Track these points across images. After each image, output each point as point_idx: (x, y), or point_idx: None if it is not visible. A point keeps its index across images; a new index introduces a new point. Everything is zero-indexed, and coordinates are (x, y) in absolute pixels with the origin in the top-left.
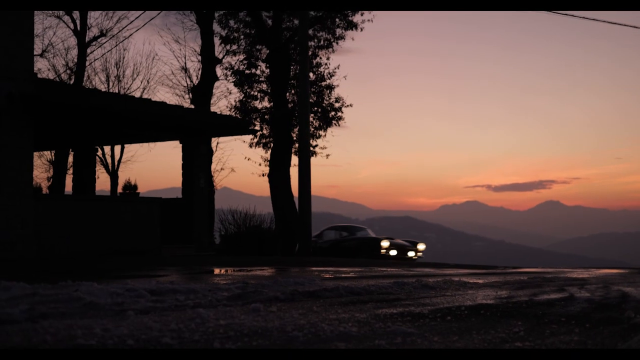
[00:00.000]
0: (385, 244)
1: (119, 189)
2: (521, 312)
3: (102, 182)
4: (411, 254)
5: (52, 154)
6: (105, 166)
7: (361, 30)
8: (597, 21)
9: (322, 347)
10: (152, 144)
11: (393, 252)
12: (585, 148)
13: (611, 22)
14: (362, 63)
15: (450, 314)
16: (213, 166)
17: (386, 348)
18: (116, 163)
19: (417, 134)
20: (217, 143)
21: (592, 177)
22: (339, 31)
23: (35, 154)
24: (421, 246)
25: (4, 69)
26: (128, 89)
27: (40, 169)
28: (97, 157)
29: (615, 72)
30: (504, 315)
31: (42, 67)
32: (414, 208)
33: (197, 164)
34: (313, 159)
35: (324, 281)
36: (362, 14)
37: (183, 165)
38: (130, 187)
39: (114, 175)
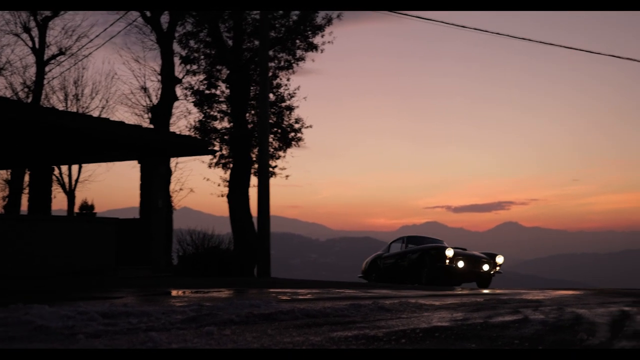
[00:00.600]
0: (449, 253)
1: (76, 209)
2: (476, 334)
3: (59, 201)
4: (486, 267)
5: (8, 173)
6: (62, 185)
7: (321, 51)
8: (554, 46)
9: None
10: (110, 164)
11: (461, 264)
12: (543, 170)
13: (568, 47)
14: (323, 84)
15: (405, 337)
16: (172, 186)
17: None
18: (73, 182)
19: (378, 154)
20: (177, 163)
21: (550, 199)
22: (299, 52)
23: None
24: (500, 259)
25: None
26: (87, 107)
27: None
28: (54, 177)
29: (571, 97)
30: (459, 338)
31: None
32: (374, 228)
33: (156, 184)
34: (273, 180)
35: (280, 303)
36: (322, 36)
37: (141, 185)
38: (87, 207)
39: (71, 194)
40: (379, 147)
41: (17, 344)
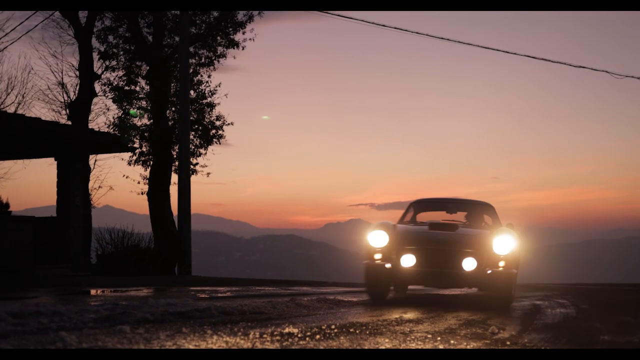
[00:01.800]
0: None
1: None
2: (390, 329)
3: None
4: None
5: None
6: None
7: (243, 48)
8: (472, 45)
9: None
10: (27, 161)
11: None
12: (464, 168)
13: (485, 47)
14: (245, 81)
15: (319, 333)
16: (91, 184)
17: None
18: None
19: (302, 151)
20: (95, 160)
21: (471, 196)
22: (220, 49)
23: None
24: None
25: None
26: (2, 103)
27: None
28: None
29: (490, 95)
30: (373, 333)
31: None
32: (299, 226)
33: (73, 182)
34: (196, 178)
35: (197, 301)
36: (243, 32)
37: (58, 183)
38: (2, 206)
39: None
40: (303, 144)
41: None
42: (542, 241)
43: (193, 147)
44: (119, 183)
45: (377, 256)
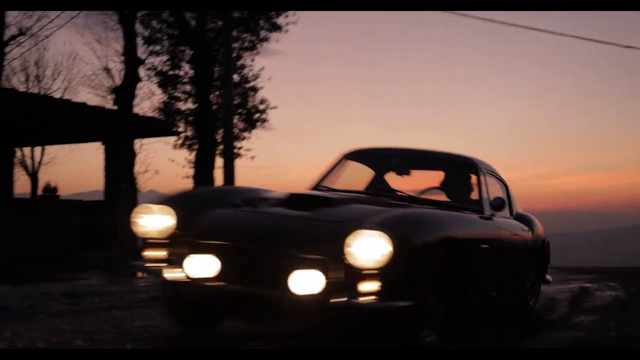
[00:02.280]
0: None
1: (40, 192)
2: None
3: (22, 184)
4: None
5: None
6: (25, 168)
7: (286, 32)
8: (517, 26)
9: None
10: (74, 146)
11: None
12: (506, 151)
13: (532, 28)
14: (288, 66)
15: None
16: (137, 168)
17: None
18: (36, 165)
19: (343, 138)
20: (141, 145)
21: (515, 180)
22: (263, 33)
23: None
24: None
25: None
26: (48, 89)
27: None
28: (16, 159)
29: (537, 77)
30: None
31: None
32: None
33: (120, 166)
34: (240, 161)
35: None
36: (286, 16)
37: (105, 167)
38: (50, 190)
39: (34, 177)
40: (346, 130)
41: None
42: (589, 225)
43: (237, 131)
44: (164, 167)
45: (154, 254)
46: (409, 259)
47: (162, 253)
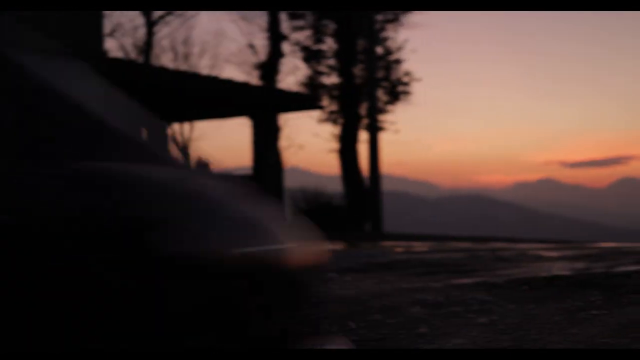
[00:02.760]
0: None
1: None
2: (597, 283)
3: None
4: None
5: None
6: (176, 144)
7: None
8: None
9: (395, 315)
10: (220, 122)
11: None
12: None
13: None
14: (430, 37)
15: (525, 284)
16: (281, 143)
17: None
18: (186, 141)
19: (487, 108)
20: (286, 120)
21: None
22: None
23: None
24: None
25: (76, 49)
26: (195, 66)
27: None
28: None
29: None
30: (580, 286)
31: (111, 47)
32: (485, 186)
33: (267, 141)
34: (384, 135)
35: (397, 254)
36: None
37: (252, 142)
38: (202, 165)
39: (184, 153)
40: (490, 101)
41: None
42: None
43: (380, 105)
44: (308, 142)
45: None
46: None
47: None
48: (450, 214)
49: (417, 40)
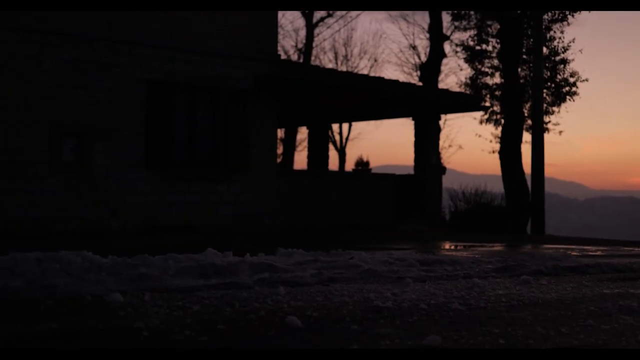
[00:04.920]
0: None
1: (349, 166)
2: None
3: (330, 158)
4: None
5: (282, 132)
6: (334, 143)
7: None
8: None
9: (608, 321)
10: (378, 122)
11: None
12: None
13: None
14: (591, 34)
15: None
16: (441, 143)
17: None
18: (344, 140)
19: None
20: (445, 120)
21: None
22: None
23: None
24: None
25: (250, 52)
26: (355, 67)
27: None
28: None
29: None
30: None
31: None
32: (637, 188)
33: (429, 141)
34: (547, 136)
35: (579, 258)
36: None
37: (415, 142)
38: (362, 164)
39: (342, 152)
40: None
41: (354, 284)
42: None
43: (545, 105)
44: (467, 142)
45: None
46: None
47: None
48: (600, 216)
49: (585, 38)
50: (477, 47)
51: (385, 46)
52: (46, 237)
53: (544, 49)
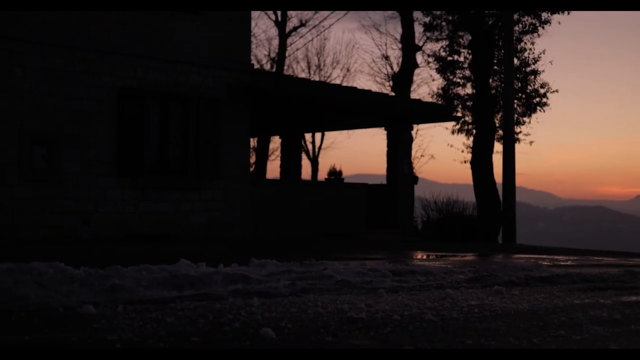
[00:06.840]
0: None
1: (322, 175)
2: None
3: (303, 168)
4: None
5: (255, 141)
6: (307, 152)
7: (568, 13)
8: None
9: (579, 332)
10: (350, 132)
11: None
12: None
13: None
14: (570, 47)
15: None
16: (413, 153)
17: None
18: (317, 149)
19: (608, 119)
20: (417, 130)
21: None
22: (545, 15)
23: None
24: None
25: (223, 61)
26: (328, 77)
27: None
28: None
29: None
30: None
31: None
32: (606, 197)
33: (401, 151)
34: (517, 146)
35: (550, 268)
36: None
37: (388, 151)
38: (335, 173)
39: (314, 161)
40: (610, 111)
41: (328, 295)
42: None
43: (516, 116)
44: (439, 152)
45: None
46: None
47: None
48: (570, 226)
49: (555, 50)
50: (449, 58)
51: (358, 56)
52: (16, 246)
53: (515, 60)
